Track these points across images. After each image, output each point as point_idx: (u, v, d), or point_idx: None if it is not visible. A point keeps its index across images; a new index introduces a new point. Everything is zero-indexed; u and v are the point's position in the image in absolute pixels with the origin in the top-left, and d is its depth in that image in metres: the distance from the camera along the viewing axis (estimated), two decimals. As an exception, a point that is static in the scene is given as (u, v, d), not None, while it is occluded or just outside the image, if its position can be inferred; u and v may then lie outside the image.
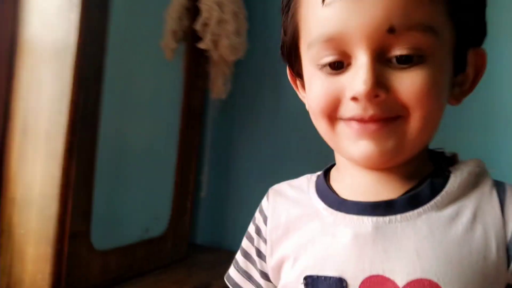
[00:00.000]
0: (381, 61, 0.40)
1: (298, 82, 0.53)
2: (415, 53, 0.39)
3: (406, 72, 0.40)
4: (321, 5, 0.40)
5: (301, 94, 0.53)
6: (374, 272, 0.40)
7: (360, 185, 0.46)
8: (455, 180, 0.43)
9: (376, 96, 0.39)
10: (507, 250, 0.40)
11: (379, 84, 0.39)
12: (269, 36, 1.71)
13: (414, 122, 0.41)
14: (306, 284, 0.43)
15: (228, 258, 1.63)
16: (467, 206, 0.42)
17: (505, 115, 1.33)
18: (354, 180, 0.46)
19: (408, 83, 0.39)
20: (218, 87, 1.56)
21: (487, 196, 0.42)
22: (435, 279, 0.38)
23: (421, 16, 0.39)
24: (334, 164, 0.53)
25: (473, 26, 0.45)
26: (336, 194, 0.47)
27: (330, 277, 0.41)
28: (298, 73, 0.51)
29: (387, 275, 0.40)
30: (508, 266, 0.40)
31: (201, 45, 1.47)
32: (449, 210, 0.42)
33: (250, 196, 1.78)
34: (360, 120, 0.41)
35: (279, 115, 1.70)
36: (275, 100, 1.70)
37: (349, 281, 0.40)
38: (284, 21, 0.49)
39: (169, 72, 1.48)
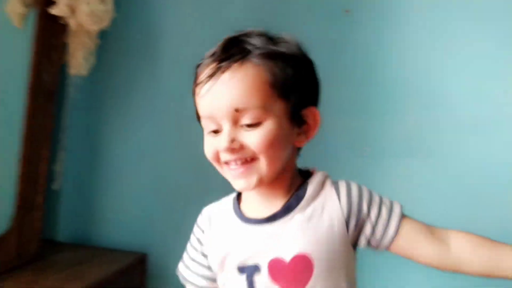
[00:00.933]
0: (236, 126, 0.63)
1: None
2: (254, 122, 0.62)
3: (251, 131, 0.63)
4: (200, 96, 0.65)
5: None
6: (273, 256, 0.65)
7: (255, 205, 0.69)
8: (310, 189, 0.68)
9: (233, 149, 0.63)
10: (347, 224, 0.65)
11: (234, 142, 0.62)
12: (140, 4, 1.51)
13: (263, 162, 0.63)
14: (239, 271, 0.67)
15: (92, 255, 1.47)
16: (318, 204, 0.67)
17: (380, 99, 1.31)
18: (251, 199, 0.71)
19: (252, 139, 0.62)
20: (78, 61, 1.34)
21: (329, 193, 0.67)
22: (307, 252, 0.63)
23: (255, 100, 0.62)
24: None
25: (302, 99, 0.67)
26: (243, 214, 0.70)
27: (251, 265, 0.66)
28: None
29: (280, 256, 0.64)
30: (348, 233, 0.66)
31: (54, 11, 1.24)
32: (308, 210, 0.66)
33: (120, 186, 1.60)
34: (230, 163, 0.64)
35: (155, 95, 1.52)
36: (150, 78, 1.52)
37: (261, 265, 0.65)
38: (193, 96, 0.69)
39: (16, 43, 1.24)
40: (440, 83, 1.31)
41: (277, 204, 0.67)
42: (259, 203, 0.69)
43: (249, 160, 0.63)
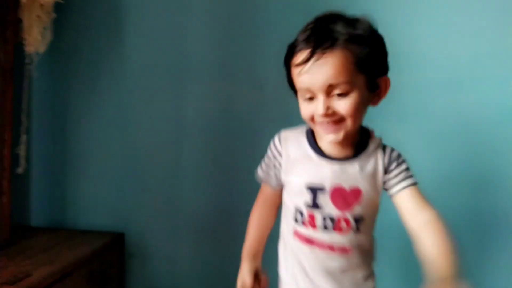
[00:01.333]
0: (329, 96, 0.83)
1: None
2: (343, 93, 0.82)
3: (340, 100, 0.82)
4: (299, 74, 0.84)
5: None
6: (336, 184, 0.89)
7: (329, 146, 0.91)
8: (371, 147, 0.91)
9: (327, 114, 0.83)
10: (384, 174, 0.90)
11: (328, 108, 0.83)
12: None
13: (349, 122, 0.84)
14: (307, 188, 0.90)
15: (67, 237, 1.43)
16: (372, 158, 0.91)
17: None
18: (329, 144, 0.91)
19: (342, 106, 0.82)
20: (34, 37, 1.27)
21: (379, 153, 0.92)
22: (359, 187, 0.89)
23: (344, 77, 0.81)
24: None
25: (377, 71, 0.85)
26: (320, 148, 0.92)
27: (318, 186, 0.89)
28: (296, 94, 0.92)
29: (341, 185, 0.89)
30: (383, 180, 0.91)
31: (2, -16, 1.16)
32: (366, 161, 0.90)
33: (91, 166, 1.52)
34: (324, 123, 0.85)
35: (121, 71, 1.46)
36: (115, 53, 1.46)
37: (326, 187, 0.89)
38: (286, 69, 0.89)
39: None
40: (423, 45, 1.31)
41: (347, 150, 0.90)
42: (334, 146, 0.90)
43: (338, 121, 0.84)
